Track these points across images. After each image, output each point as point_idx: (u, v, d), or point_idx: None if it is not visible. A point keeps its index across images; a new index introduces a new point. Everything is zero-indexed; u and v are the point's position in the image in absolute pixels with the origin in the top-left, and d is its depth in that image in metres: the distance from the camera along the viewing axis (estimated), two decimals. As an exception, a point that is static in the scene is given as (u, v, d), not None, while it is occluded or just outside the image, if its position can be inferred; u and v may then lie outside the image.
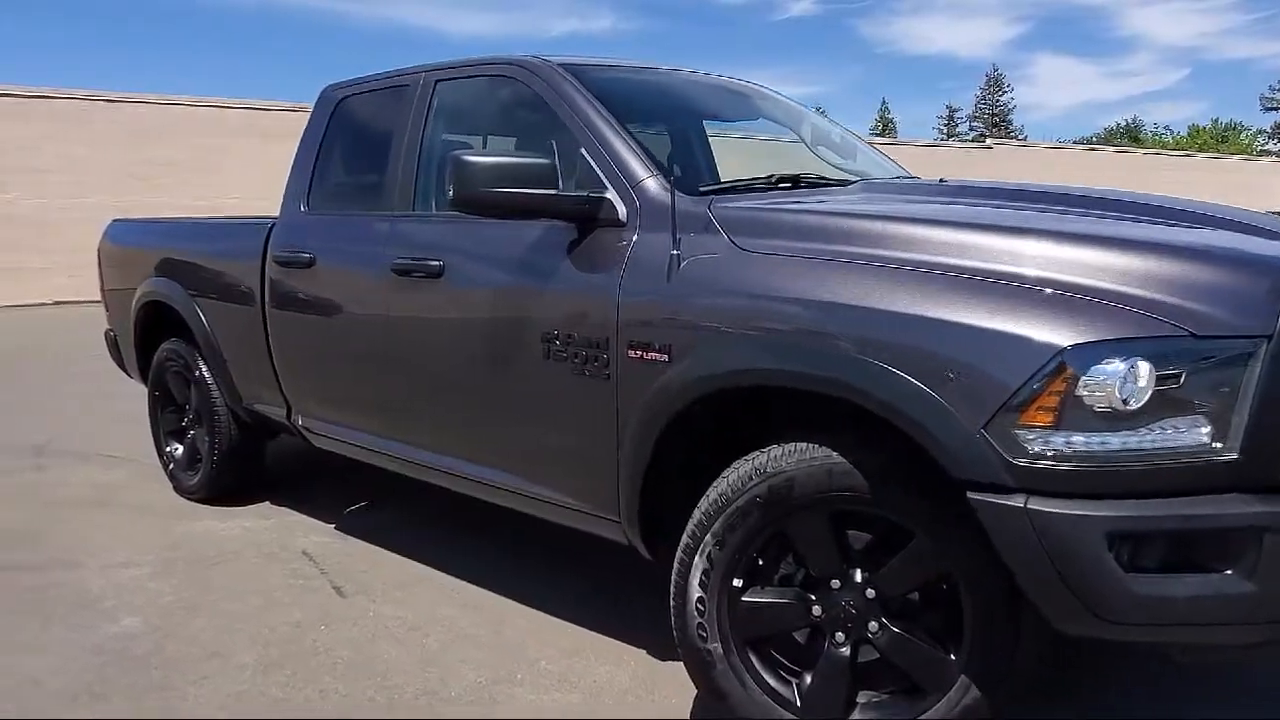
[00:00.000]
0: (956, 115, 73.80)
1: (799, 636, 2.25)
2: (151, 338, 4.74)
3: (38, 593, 3.46)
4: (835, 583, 2.17)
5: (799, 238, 2.22)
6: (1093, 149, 29.47)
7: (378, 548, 3.88)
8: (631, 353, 2.42)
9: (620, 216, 2.55)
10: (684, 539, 2.29)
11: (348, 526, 4.15)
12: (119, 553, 3.87)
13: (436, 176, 3.21)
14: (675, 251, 2.35)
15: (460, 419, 3.04)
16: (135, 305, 4.67)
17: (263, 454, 4.58)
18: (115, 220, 5.21)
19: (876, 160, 3.60)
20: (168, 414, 4.73)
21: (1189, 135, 57.58)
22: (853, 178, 3.10)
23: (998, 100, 72.07)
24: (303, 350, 3.68)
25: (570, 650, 2.95)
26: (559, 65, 2.93)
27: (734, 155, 3.58)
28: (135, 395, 6.96)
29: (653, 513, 2.54)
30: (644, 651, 2.92)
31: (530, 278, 2.72)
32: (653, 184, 2.55)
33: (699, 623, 2.24)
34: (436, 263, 3.00)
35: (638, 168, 2.59)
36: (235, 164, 15.80)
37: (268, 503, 4.51)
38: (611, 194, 2.58)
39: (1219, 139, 54.30)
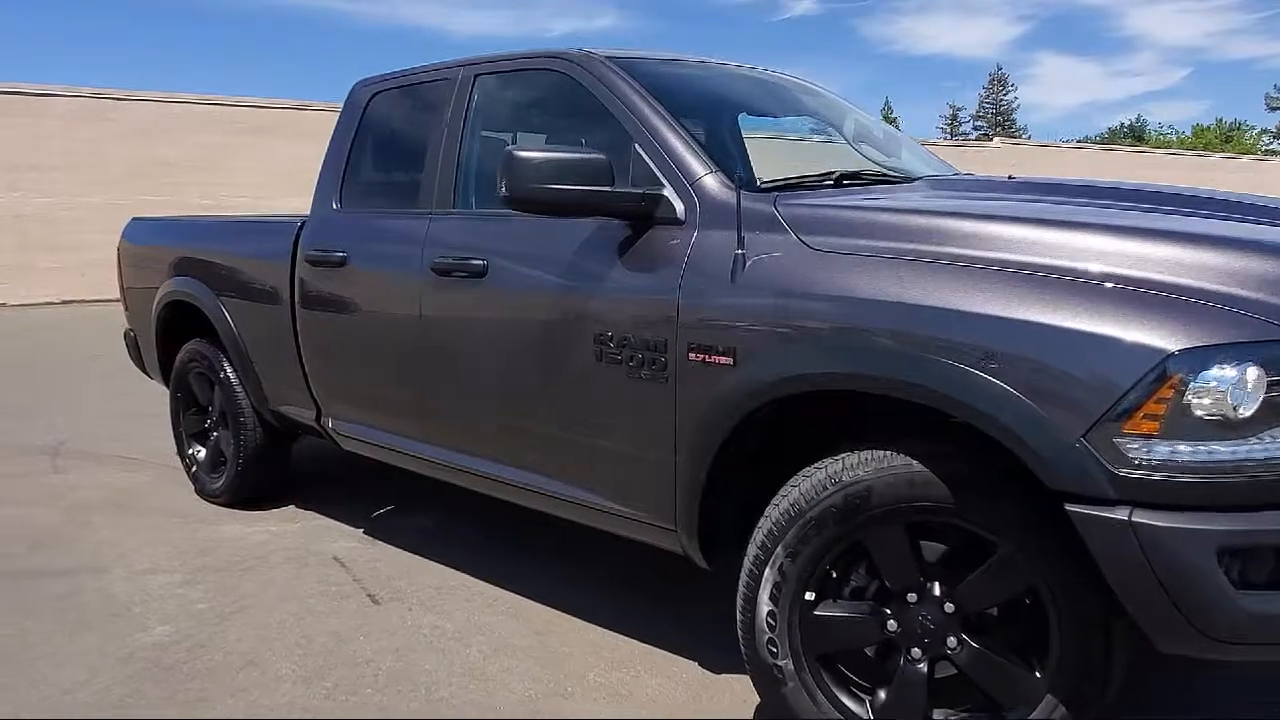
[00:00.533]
0: (960, 115, 73.74)
1: (871, 652, 2.16)
2: (173, 338, 4.66)
3: (66, 599, 3.38)
4: (912, 596, 2.08)
5: (874, 236, 2.13)
6: (1109, 148, 29.41)
7: (409, 553, 3.80)
8: (692, 355, 2.33)
9: (678, 214, 2.46)
10: (752, 550, 2.19)
11: (376, 531, 4.06)
12: (146, 558, 3.78)
13: (477, 173, 3.13)
14: (740, 251, 2.26)
15: (503, 423, 2.95)
16: (157, 305, 4.59)
17: (288, 457, 4.50)
18: (134, 219, 5.11)
19: (925, 158, 3.50)
20: (190, 416, 4.64)
21: (1193, 134, 57.45)
22: (911, 175, 3.01)
23: (1001, 100, 71.94)
24: (334, 351, 3.59)
25: (618, 662, 2.86)
26: (606, 58, 2.84)
27: (762, 154, 3.48)
28: (149, 395, 6.89)
29: (709, 520, 2.45)
30: (695, 663, 2.83)
31: (581, 278, 2.63)
32: (712, 181, 2.46)
33: (769, 638, 2.15)
34: (479, 262, 2.91)
35: (695, 164, 2.50)
36: (243, 163, 15.74)
37: (293, 506, 4.43)
38: (669, 191, 2.49)
39: (1224, 138, 54.17)
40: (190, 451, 4.64)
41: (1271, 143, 55.27)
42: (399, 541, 3.93)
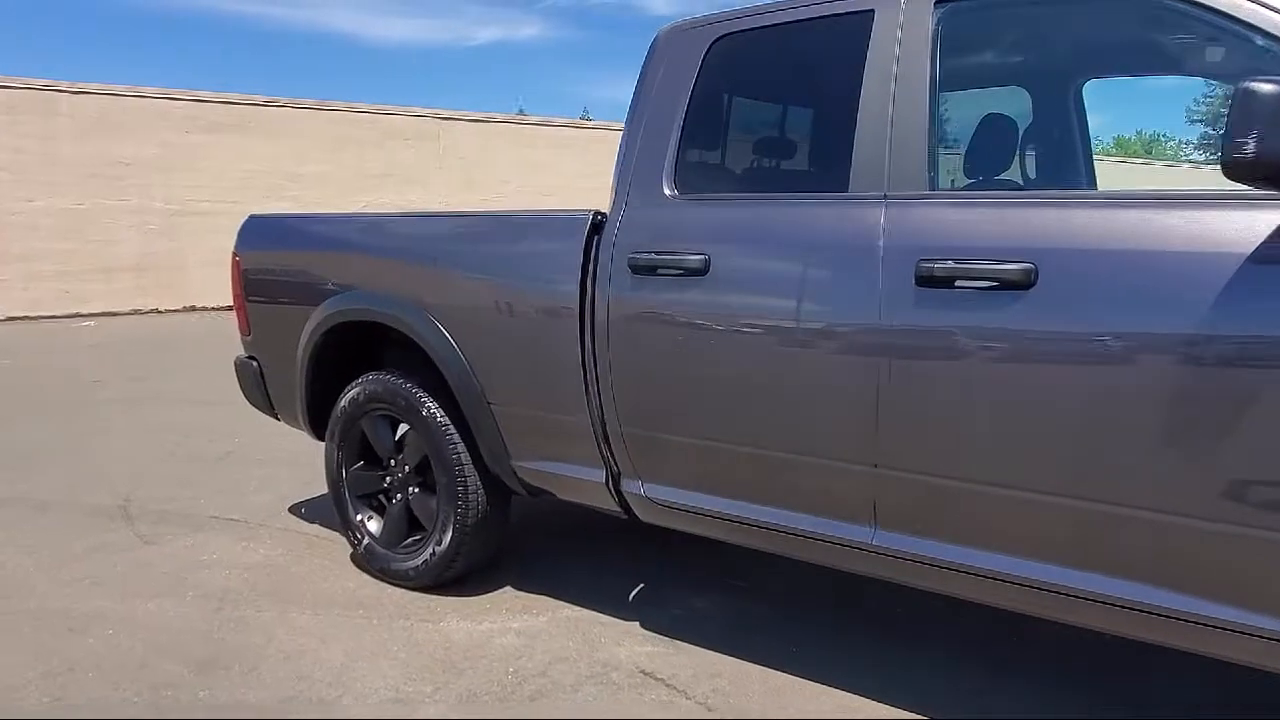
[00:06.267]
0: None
1: None
2: (328, 370, 3.57)
3: (313, 762, 2.31)
4: None
5: None
6: (1100, 160, 30.18)
7: (736, 658, 2.82)
8: None
9: None
10: None
11: (657, 625, 3.07)
12: (374, 680, 2.72)
13: (968, 140, 2.19)
14: None
15: (1087, 507, 1.97)
16: (316, 327, 3.48)
17: (506, 526, 3.45)
18: (254, 216, 3.97)
19: None
20: (357, 472, 3.55)
21: (1116, 145, 59.20)
22: None
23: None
24: (677, 394, 2.57)
25: None
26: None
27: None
28: (193, 430, 5.76)
29: None
30: None
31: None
32: None
33: None
34: (1019, 266, 1.98)
35: None
36: (209, 163, 14.24)
37: (509, 588, 3.39)
38: None
39: (1146, 149, 55.88)
40: (358, 519, 3.55)
41: (1192, 153, 57.33)
42: (701, 639, 2.95)
